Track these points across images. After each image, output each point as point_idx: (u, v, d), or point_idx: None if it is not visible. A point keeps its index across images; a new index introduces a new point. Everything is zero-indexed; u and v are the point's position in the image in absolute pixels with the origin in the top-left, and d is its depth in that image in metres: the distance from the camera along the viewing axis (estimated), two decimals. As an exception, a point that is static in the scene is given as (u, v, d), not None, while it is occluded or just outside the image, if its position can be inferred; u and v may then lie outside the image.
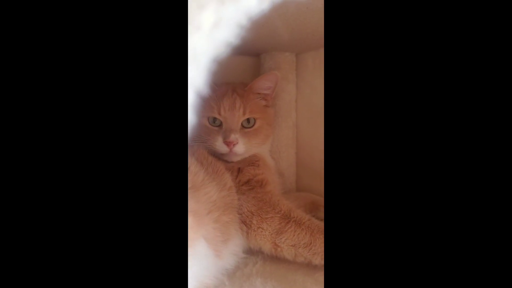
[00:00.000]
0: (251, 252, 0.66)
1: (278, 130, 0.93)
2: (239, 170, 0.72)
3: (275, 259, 0.64)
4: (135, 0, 0.27)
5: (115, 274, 0.29)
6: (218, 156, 0.73)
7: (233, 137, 0.71)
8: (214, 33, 0.22)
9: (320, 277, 0.57)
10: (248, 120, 0.76)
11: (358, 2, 0.29)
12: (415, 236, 0.28)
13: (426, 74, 0.28)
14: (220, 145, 0.72)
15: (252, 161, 0.76)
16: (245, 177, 0.71)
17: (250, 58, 0.99)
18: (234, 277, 0.59)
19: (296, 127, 0.96)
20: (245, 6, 0.22)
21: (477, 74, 0.27)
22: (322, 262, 0.59)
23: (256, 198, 0.66)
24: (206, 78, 0.23)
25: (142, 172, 0.29)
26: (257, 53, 0.96)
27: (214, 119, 0.75)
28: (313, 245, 0.59)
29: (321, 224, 0.62)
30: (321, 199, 0.83)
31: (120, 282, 0.29)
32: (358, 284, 0.29)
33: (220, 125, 0.75)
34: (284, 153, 0.94)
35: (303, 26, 0.68)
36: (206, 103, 0.75)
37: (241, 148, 0.73)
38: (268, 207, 0.64)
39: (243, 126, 0.76)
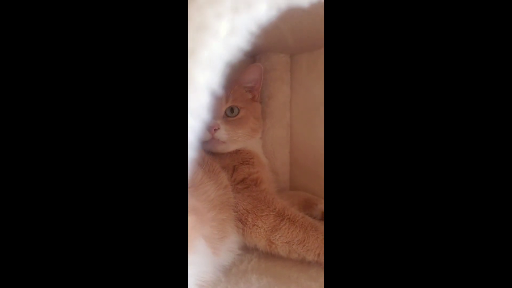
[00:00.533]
0: (246, 249, 0.67)
1: (273, 130, 0.94)
2: (234, 169, 0.73)
3: (270, 256, 0.65)
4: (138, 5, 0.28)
5: (118, 273, 0.29)
6: (205, 148, 0.73)
7: (213, 121, 0.72)
8: (229, 40, 0.24)
9: (314, 273, 0.59)
10: (231, 109, 0.77)
11: (358, 4, 0.30)
12: (413, 233, 0.29)
13: (423, 75, 0.29)
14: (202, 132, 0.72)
15: (246, 159, 0.77)
16: (240, 176, 0.72)
17: (245, 58, 1.00)
18: (230, 273, 0.60)
19: (290, 127, 0.98)
20: (256, 15, 0.23)
21: (477, 76, 0.28)
22: (316, 259, 0.60)
23: (251, 196, 0.67)
24: (220, 80, 0.25)
25: (143, 171, 0.29)
26: (253, 54, 0.97)
27: None
28: (307, 242, 0.61)
29: (315, 222, 0.64)
30: (314, 198, 0.85)
31: (122, 281, 0.29)
32: (357, 280, 0.30)
33: None
34: (279, 152, 0.96)
35: (298, 28, 0.70)
36: None
37: (223, 134, 0.73)
38: (263, 205, 0.65)
39: (226, 115, 0.77)
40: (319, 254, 0.60)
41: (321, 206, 0.81)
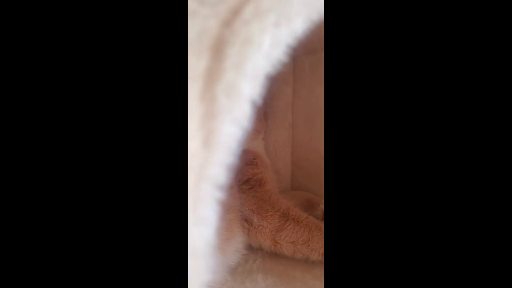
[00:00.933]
0: (250, 249, 0.68)
1: (275, 131, 0.95)
2: (238, 169, 0.74)
3: (274, 256, 0.66)
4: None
5: (121, 273, 0.29)
6: None
7: None
8: (271, 52, 0.24)
9: (318, 272, 0.60)
10: None
11: (358, 6, 0.30)
12: (413, 232, 0.29)
13: (422, 76, 0.29)
14: None
15: (250, 159, 0.78)
16: (244, 176, 0.72)
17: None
18: (235, 273, 0.61)
19: (292, 128, 0.99)
20: (294, 29, 0.24)
21: (476, 84, 0.28)
22: (320, 258, 0.61)
23: (256, 197, 0.68)
24: (261, 91, 0.26)
25: (146, 171, 0.30)
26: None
27: None
28: (311, 241, 0.62)
29: (318, 222, 0.65)
30: (316, 198, 0.86)
31: (123, 280, 0.29)
32: (357, 279, 0.30)
33: None
34: (281, 153, 0.97)
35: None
36: None
37: None
38: (268, 206, 0.66)
39: None
40: (323, 254, 0.61)
41: (323, 206, 0.82)
